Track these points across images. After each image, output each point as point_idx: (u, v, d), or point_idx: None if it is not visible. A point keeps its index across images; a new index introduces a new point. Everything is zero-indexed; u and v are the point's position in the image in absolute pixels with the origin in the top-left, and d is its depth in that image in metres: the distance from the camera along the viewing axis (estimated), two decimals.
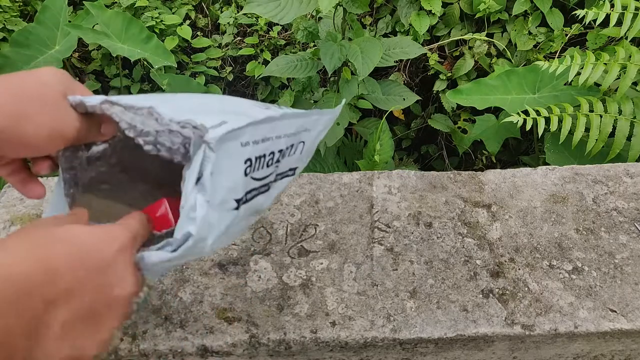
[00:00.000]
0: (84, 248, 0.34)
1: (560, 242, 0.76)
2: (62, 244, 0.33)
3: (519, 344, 0.69)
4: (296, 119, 0.45)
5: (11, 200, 0.78)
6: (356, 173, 0.85)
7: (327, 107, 1.41)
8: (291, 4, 1.24)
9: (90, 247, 0.34)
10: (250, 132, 0.40)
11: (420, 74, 1.97)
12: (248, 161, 0.40)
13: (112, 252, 0.35)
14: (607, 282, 0.71)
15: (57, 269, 0.31)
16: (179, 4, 1.94)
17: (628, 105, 1.21)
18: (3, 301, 0.29)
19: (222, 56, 1.94)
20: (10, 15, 1.71)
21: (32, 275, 0.30)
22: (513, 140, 1.81)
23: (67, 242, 0.33)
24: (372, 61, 1.23)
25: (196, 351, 0.64)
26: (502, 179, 0.85)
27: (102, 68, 1.87)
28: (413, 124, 1.98)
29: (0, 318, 0.28)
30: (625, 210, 0.80)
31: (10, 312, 0.29)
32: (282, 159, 0.45)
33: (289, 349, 0.65)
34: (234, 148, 0.39)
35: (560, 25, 1.69)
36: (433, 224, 0.78)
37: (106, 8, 1.56)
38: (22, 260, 0.31)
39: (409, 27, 1.78)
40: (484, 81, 1.46)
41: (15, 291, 0.29)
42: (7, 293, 0.29)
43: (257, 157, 0.41)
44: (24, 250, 0.31)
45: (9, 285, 0.29)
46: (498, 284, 0.71)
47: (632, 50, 1.20)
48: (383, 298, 0.68)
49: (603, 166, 0.88)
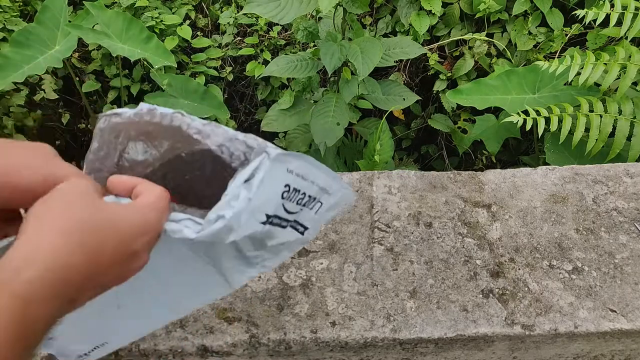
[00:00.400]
0: (124, 237, 0.36)
1: (560, 242, 0.76)
2: (107, 231, 0.35)
3: (519, 344, 0.69)
4: (326, 174, 0.47)
5: None
6: (356, 173, 0.85)
7: (326, 106, 1.41)
8: (291, 4, 1.24)
9: (128, 236, 0.37)
10: (297, 163, 0.43)
11: (420, 74, 1.98)
12: (287, 186, 0.44)
13: (144, 242, 0.38)
14: (607, 282, 0.71)
15: (96, 254, 0.34)
16: (179, 4, 1.94)
17: (628, 105, 1.21)
18: (43, 287, 0.31)
19: (222, 56, 1.94)
20: (10, 15, 1.71)
21: (78, 261, 0.33)
22: (513, 140, 1.81)
23: (110, 229, 0.36)
24: (372, 61, 1.23)
25: (196, 351, 0.64)
26: (502, 179, 0.85)
27: (102, 68, 1.87)
28: (413, 124, 1.98)
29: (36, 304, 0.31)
30: (625, 210, 0.80)
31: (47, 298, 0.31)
32: (305, 206, 0.48)
33: (289, 349, 0.65)
34: (282, 169, 0.42)
35: (560, 25, 1.69)
36: (433, 224, 0.78)
37: (106, 8, 1.56)
38: (71, 246, 0.33)
39: (409, 27, 1.78)
40: (484, 81, 1.46)
41: (56, 280, 0.32)
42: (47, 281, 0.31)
43: (294, 188, 0.44)
44: (71, 235, 0.33)
45: (52, 269, 0.32)
46: (498, 284, 0.71)
47: (632, 50, 1.20)
48: (383, 298, 0.68)
49: (603, 166, 0.88)
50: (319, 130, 1.39)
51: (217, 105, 1.65)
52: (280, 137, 1.92)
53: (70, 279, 0.33)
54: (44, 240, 0.32)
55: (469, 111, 1.83)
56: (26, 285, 0.30)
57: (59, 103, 1.93)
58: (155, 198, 0.40)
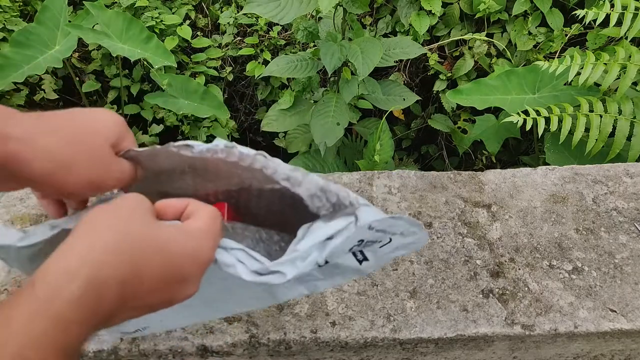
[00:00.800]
0: (174, 261, 0.35)
1: (560, 242, 0.76)
2: (158, 254, 0.34)
3: (519, 344, 0.69)
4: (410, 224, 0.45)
5: (11, 200, 0.78)
6: (356, 173, 0.85)
7: (326, 106, 1.41)
8: (291, 4, 1.24)
9: (178, 261, 0.36)
10: (381, 221, 0.41)
11: (420, 74, 1.98)
12: (361, 241, 0.42)
13: (195, 269, 0.37)
14: (607, 282, 0.71)
15: (142, 273, 0.33)
16: (179, 4, 1.94)
17: (628, 105, 1.21)
18: (83, 307, 0.30)
19: (222, 56, 1.94)
20: (10, 15, 1.71)
21: (122, 276, 0.32)
22: (513, 140, 1.81)
23: (161, 252, 0.35)
24: (372, 61, 1.23)
25: (196, 351, 0.64)
26: (502, 179, 0.85)
27: (102, 68, 1.87)
28: (413, 124, 1.98)
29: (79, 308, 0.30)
30: (625, 210, 0.80)
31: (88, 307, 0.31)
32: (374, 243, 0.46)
33: (289, 349, 0.65)
34: (364, 229, 0.41)
35: (560, 25, 1.69)
36: (433, 224, 0.78)
37: (106, 8, 1.56)
38: (118, 264, 0.32)
39: (409, 27, 1.78)
40: (484, 81, 1.46)
41: (100, 292, 0.31)
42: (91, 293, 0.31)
43: (369, 240, 0.43)
44: (122, 253, 0.33)
45: (94, 286, 0.31)
46: (498, 284, 0.71)
47: (632, 50, 1.20)
48: (383, 298, 0.68)
49: (603, 166, 0.88)
50: (319, 130, 1.39)
51: (217, 105, 1.65)
52: (280, 137, 1.93)
53: (112, 297, 0.32)
54: (91, 254, 0.31)
55: (469, 111, 1.83)
56: (68, 305, 0.29)
57: (58, 103, 1.93)
58: (208, 219, 0.38)
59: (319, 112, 1.41)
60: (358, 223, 0.39)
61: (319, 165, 1.53)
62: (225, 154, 0.43)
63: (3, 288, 0.68)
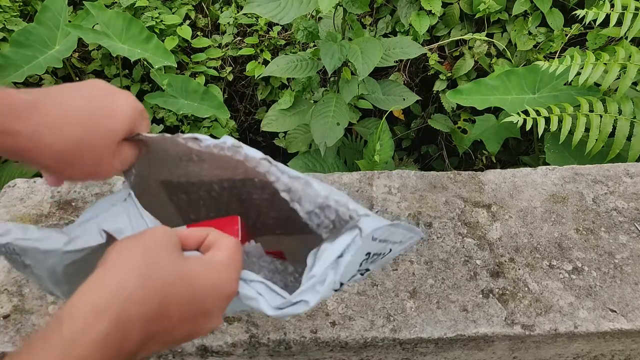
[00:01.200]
0: (199, 295, 0.36)
1: (560, 242, 0.76)
2: (184, 290, 0.35)
3: (519, 344, 0.69)
4: (407, 230, 0.46)
5: (11, 200, 0.78)
6: (356, 173, 0.85)
7: (326, 107, 1.41)
8: (291, 4, 1.24)
9: (203, 295, 0.36)
10: (382, 230, 0.42)
11: (420, 74, 1.98)
12: (368, 254, 0.43)
13: (219, 302, 0.37)
14: (607, 282, 0.71)
15: (169, 309, 0.34)
16: (179, 4, 1.94)
17: (628, 105, 1.21)
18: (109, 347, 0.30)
19: (222, 56, 1.94)
20: (10, 15, 1.71)
21: (149, 312, 0.33)
22: (513, 140, 1.81)
23: (188, 287, 0.35)
24: (372, 61, 1.23)
25: (196, 351, 0.64)
26: (502, 179, 0.85)
27: (102, 68, 1.87)
28: (413, 124, 1.98)
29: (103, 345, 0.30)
30: (625, 210, 0.80)
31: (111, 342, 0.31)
32: (378, 257, 0.47)
33: (289, 349, 0.65)
34: (369, 240, 0.41)
35: (560, 25, 1.69)
36: (433, 224, 0.78)
37: (106, 8, 1.56)
38: (146, 301, 0.33)
39: (409, 27, 1.78)
40: (484, 81, 1.46)
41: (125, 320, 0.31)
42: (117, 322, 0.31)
43: (374, 253, 0.43)
44: (150, 292, 0.33)
45: (121, 325, 0.31)
46: (498, 284, 0.71)
47: (632, 50, 1.20)
48: (383, 298, 0.68)
49: (603, 166, 0.88)
50: (319, 130, 1.39)
51: (217, 105, 1.65)
52: (280, 137, 1.93)
53: (137, 334, 0.32)
54: (121, 293, 0.32)
55: (469, 111, 1.83)
56: (92, 347, 0.29)
57: None
58: (230, 252, 0.39)
59: (319, 112, 1.41)
60: (363, 234, 0.39)
61: (319, 165, 1.53)
62: (232, 153, 0.43)
63: (3, 288, 0.68)
